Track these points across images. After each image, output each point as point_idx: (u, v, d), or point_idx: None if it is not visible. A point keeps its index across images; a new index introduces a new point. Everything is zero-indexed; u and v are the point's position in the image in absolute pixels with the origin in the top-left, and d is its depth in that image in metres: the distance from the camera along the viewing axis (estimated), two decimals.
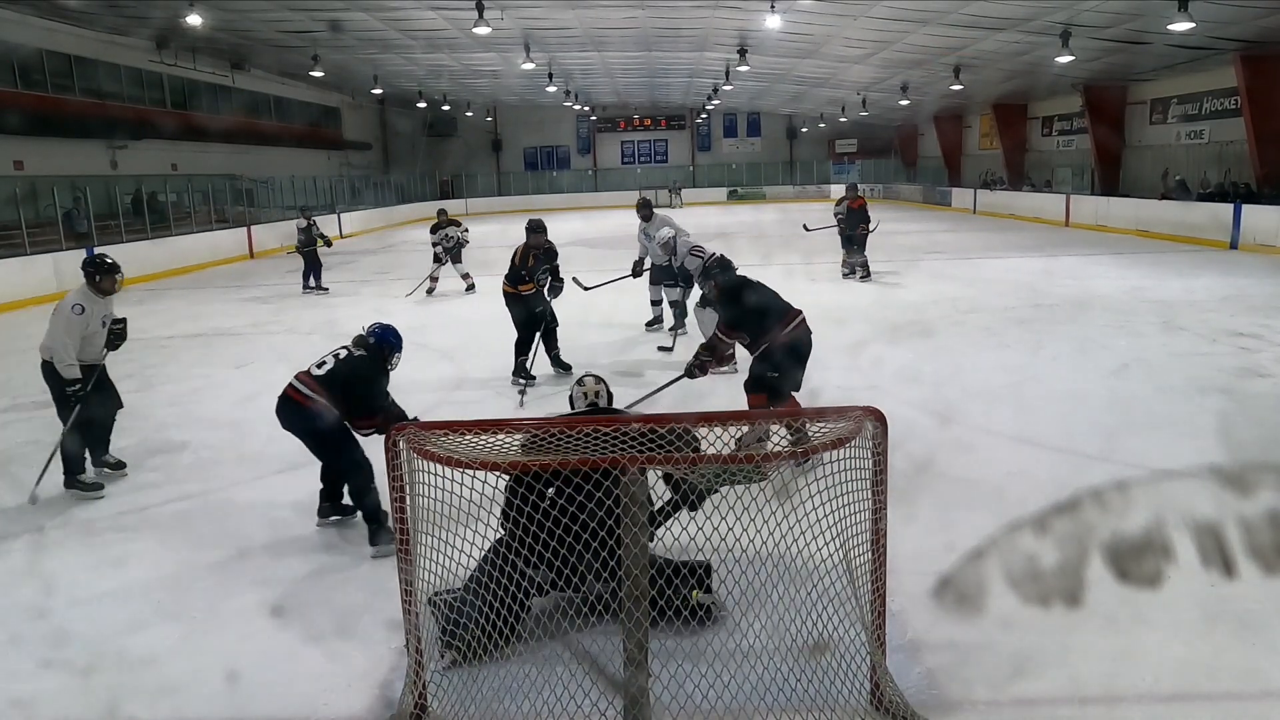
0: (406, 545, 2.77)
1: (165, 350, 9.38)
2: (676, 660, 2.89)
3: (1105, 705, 2.93)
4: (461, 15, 17.51)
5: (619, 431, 2.70)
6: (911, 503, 4.12)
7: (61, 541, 4.57)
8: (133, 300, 13.80)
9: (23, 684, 3.24)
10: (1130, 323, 9.22)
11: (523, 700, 2.94)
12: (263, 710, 3.07)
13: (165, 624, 3.76)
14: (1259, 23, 14.55)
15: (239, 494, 5.16)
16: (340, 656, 3.34)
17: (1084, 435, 5.59)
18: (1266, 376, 6.96)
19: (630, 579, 2.65)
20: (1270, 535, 3.49)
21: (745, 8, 17.46)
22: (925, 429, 5.71)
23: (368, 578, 3.96)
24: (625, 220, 26.54)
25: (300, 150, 29.63)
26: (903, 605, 3.46)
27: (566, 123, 40.36)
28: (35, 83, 18.57)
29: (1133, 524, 3.96)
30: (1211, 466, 4.73)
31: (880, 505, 2.79)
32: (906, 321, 9.67)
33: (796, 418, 3.10)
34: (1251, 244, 15.20)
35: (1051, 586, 3.35)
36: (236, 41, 21.80)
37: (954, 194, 29.69)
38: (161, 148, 22.36)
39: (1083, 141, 24.29)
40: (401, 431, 2.76)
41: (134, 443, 6.18)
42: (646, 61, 26.26)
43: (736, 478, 2.93)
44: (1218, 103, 19.46)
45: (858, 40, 19.98)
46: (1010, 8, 15.37)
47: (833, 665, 2.91)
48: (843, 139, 40.05)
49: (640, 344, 8.84)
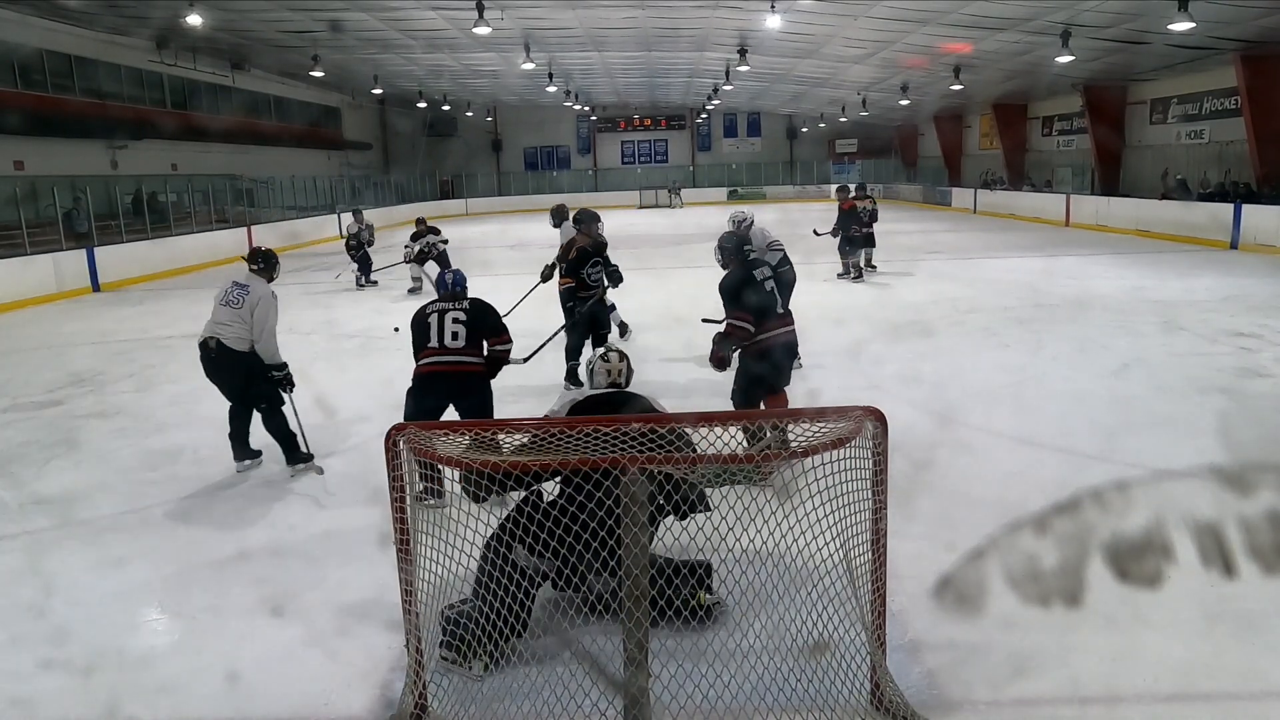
0: (407, 545, 2.77)
1: (165, 350, 9.38)
2: (676, 660, 2.89)
3: (1105, 705, 2.93)
4: (461, 15, 17.52)
5: (619, 432, 2.70)
6: (911, 503, 4.12)
7: (61, 541, 4.57)
8: (133, 300, 13.84)
9: (23, 684, 3.24)
10: (1130, 323, 9.22)
11: (523, 700, 2.94)
12: (263, 710, 3.07)
13: (165, 624, 3.77)
14: (1259, 23, 14.55)
15: (239, 494, 5.16)
16: (340, 656, 3.34)
17: (1084, 435, 5.59)
18: (1266, 376, 6.96)
19: (630, 579, 2.65)
20: (1270, 535, 3.48)
21: (745, 8, 17.47)
22: (925, 429, 5.71)
23: (368, 578, 3.96)
24: (626, 220, 26.42)
25: (300, 150, 29.64)
26: (903, 605, 3.46)
27: (566, 123, 40.38)
28: (35, 83, 18.58)
29: (1133, 524, 3.95)
30: (1211, 466, 4.73)
31: (880, 505, 2.78)
32: (906, 321, 9.67)
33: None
34: (1252, 244, 15.20)
35: (1051, 586, 3.34)
36: (236, 41, 21.80)
37: (954, 194, 29.68)
38: (161, 148, 22.37)
39: (1083, 141, 24.29)
40: (402, 431, 2.76)
41: (134, 443, 6.19)
42: (646, 61, 26.26)
43: (737, 477, 2.93)
44: (1218, 103, 19.46)
45: (858, 40, 19.98)
46: (1010, 8, 15.37)
47: (833, 665, 2.91)
48: (843, 139, 40.07)
49: (642, 332, 8.78)
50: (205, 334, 5.23)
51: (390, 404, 5.74)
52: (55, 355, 9.34)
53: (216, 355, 5.18)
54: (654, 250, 18.75)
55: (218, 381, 5.32)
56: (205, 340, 5.21)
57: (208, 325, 5.24)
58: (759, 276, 5.06)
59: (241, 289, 5.27)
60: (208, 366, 5.26)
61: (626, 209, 35.25)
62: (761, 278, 5.07)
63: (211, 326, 5.21)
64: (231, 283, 5.33)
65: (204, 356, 5.23)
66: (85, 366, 8.67)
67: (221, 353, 5.17)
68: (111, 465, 5.74)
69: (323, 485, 5.21)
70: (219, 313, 5.23)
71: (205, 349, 5.21)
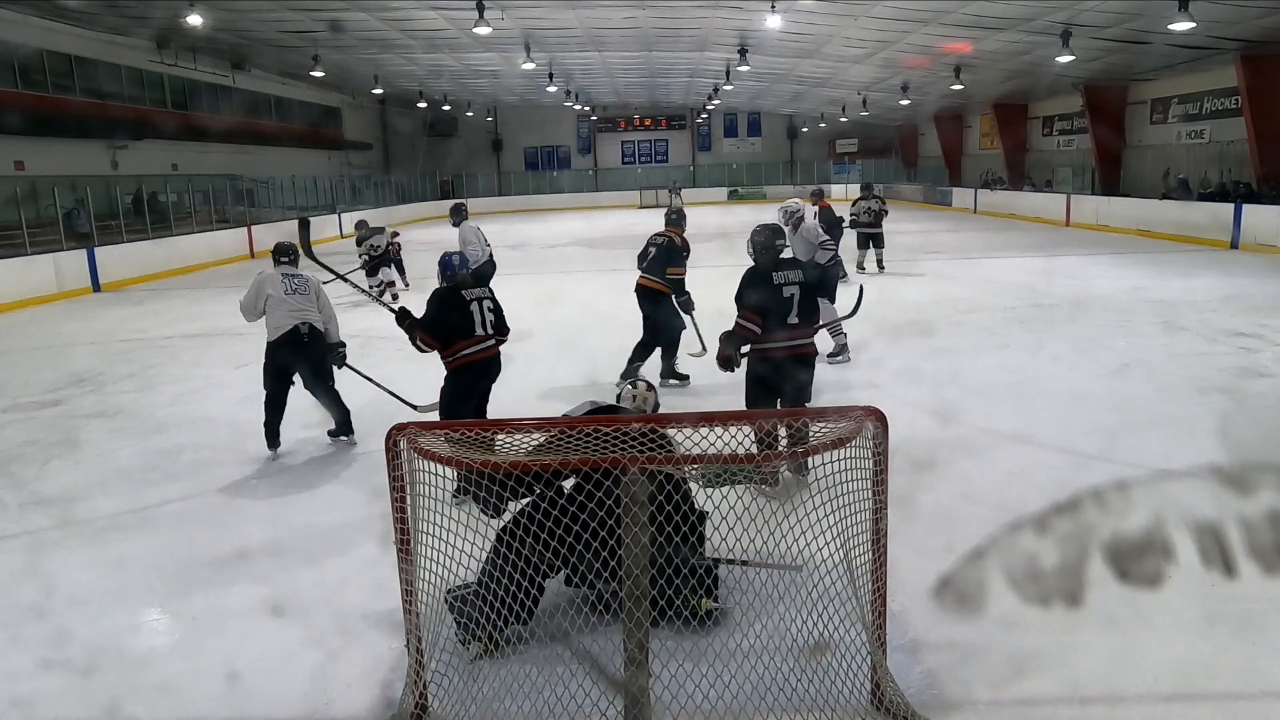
0: (407, 545, 2.77)
1: (165, 350, 9.39)
2: (676, 660, 2.89)
3: (1105, 705, 2.93)
4: (462, 15, 17.52)
5: (620, 432, 2.70)
6: (911, 503, 4.12)
7: (61, 541, 4.57)
8: (133, 300, 13.84)
9: (23, 684, 3.24)
10: (1130, 323, 9.22)
11: (523, 700, 2.94)
12: (263, 710, 3.07)
13: (165, 624, 3.77)
14: (1259, 23, 14.55)
15: (239, 494, 5.16)
16: (340, 656, 3.34)
17: (1084, 435, 5.59)
18: (1266, 376, 6.96)
19: (630, 579, 2.65)
20: (1270, 535, 3.48)
21: (745, 8, 17.47)
22: (925, 429, 5.71)
23: (368, 578, 3.95)
24: (626, 220, 26.39)
25: (300, 150, 29.64)
26: (903, 605, 3.46)
27: (567, 123, 40.37)
28: (35, 83, 18.58)
29: (1133, 524, 3.95)
30: (1211, 466, 4.73)
31: (880, 505, 2.78)
32: (906, 321, 9.66)
33: (798, 419, 3.09)
34: (1252, 244, 15.19)
35: (1051, 586, 3.34)
36: (237, 41, 21.81)
37: (954, 194, 29.68)
38: (162, 148, 22.37)
39: (1083, 141, 24.28)
40: (402, 431, 2.76)
41: (134, 442, 6.19)
42: (647, 61, 26.26)
43: (738, 478, 2.92)
44: (1218, 102, 19.45)
45: (858, 40, 19.98)
46: (1010, 8, 15.37)
47: (833, 665, 2.91)
48: (843, 139, 40.05)
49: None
50: (292, 321, 5.47)
51: (391, 404, 5.75)
52: (55, 355, 9.34)
53: (309, 338, 5.50)
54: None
55: (301, 364, 5.58)
56: (296, 327, 5.46)
57: (286, 315, 5.48)
58: (778, 280, 4.80)
59: (298, 278, 5.59)
60: (295, 350, 5.50)
61: (627, 209, 35.27)
62: (782, 281, 4.79)
63: (295, 314, 5.48)
64: (280, 275, 5.60)
65: (292, 341, 5.47)
66: (85, 366, 8.67)
67: (313, 335, 5.52)
68: (111, 465, 5.74)
69: (323, 485, 5.22)
70: (294, 301, 5.51)
71: (297, 334, 5.47)
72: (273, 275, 5.61)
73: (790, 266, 4.92)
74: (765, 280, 4.80)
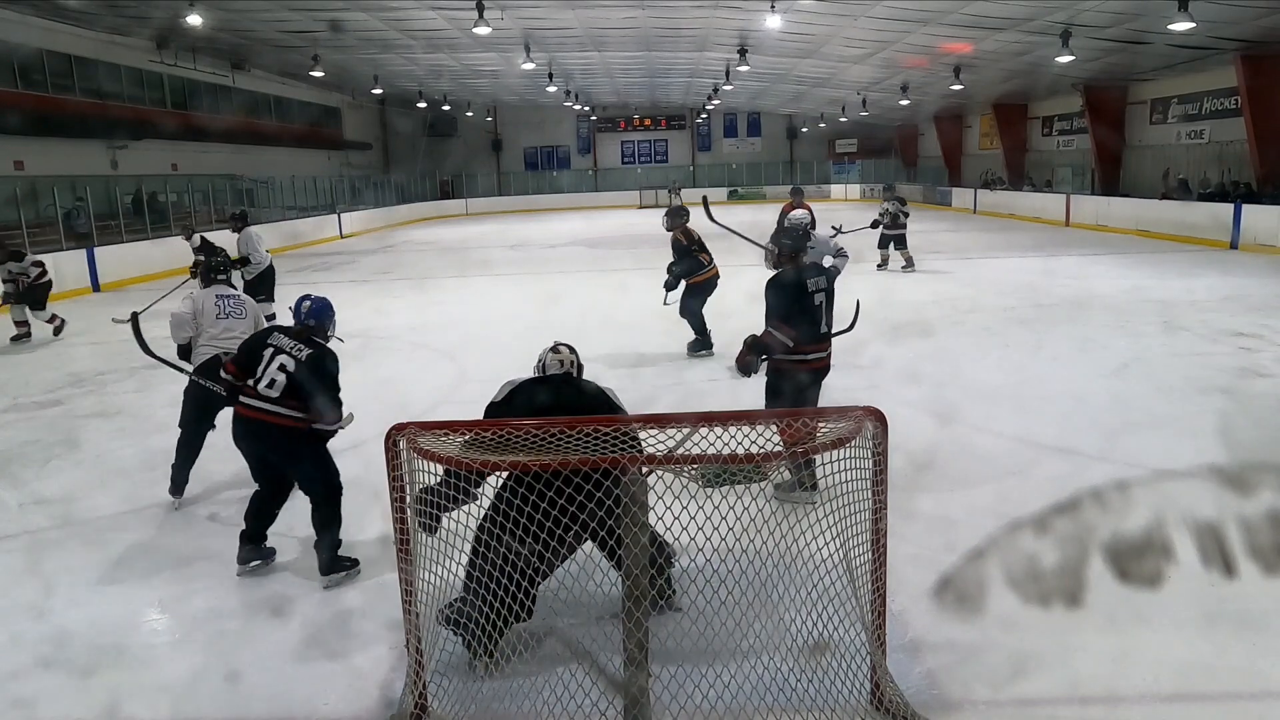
0: (407, 545, 2.77)
1: (165, 350, 9.36)
2: (676, 660, 2.89)
3: (1105, 705, 2.93)
4: (462, 15, 17.51)
5: (619, 432, 2.70)
6: (911, 503, 4.12)
7: (61, 541, 4.57)
8: (133, 301, 13.81)
9: (23, 684, 3.25)
10: (1130, 323, 9.22)
11: (523, 700, 2.94)
12: (263, 710, 3.07)
13: (165, 624, 3.77)
14: (1259, 23, 14.54)
15: (239, 494, 5.14)
16: (340, 656, 3.34)
17: (1084, 435, 5.59)
18: (1266, 376, 6.96)
19: (630, 579, 2.65)
20: (1270, 535, 3.48)
21: (745, 8, 17.46)
22: (925, 429, 5.71)
23: (368, 578, 3.96)
24: (626, 220, 26.41)
25: (300, 150, 29.62)
26: (903, 605, 3.46)
27: (566, 123, 40.35)
28: (35, 83, 18.56)
29: (1133, 524, 3.95)
30: (1211, 466, 4.73)
31: (880, 505, 2.79)
32: (906, 321, 9.66)
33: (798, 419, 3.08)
34: (1252, 244, 15.20)
35: (1052, 586, 3.34)
36: (236, 41, 21.80)
37: (954, 194, 29.68)
38: (162, 148, 22.35)
39: (1083, 141, 24.27)
40: (402, 431, 2.76)
41: (134, 442, 6.19)
42: (646, 61, 26.26)
43: (737, 478, 2.92)
44: (1218, 103, 19.45)
45: (858, 40, 19.98)
46: (1010, 8, 15.37)
47: (833, 665, 2.91)
48: (843, 139, 40.04)
49: (644, 333, 8.78)
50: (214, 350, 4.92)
51: (391, 404, 5.74)
52: (55, 355, 9.34)
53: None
54: (653, 250, 18.73)
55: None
56: (217, 356, 4.81)
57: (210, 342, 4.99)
58: (812, 288, 4.67)
59: (233, 299, 5.15)
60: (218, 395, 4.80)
61: (627, 209, 35.24)
62: (815, 289, 4.69)
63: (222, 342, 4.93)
64: (215, 295, 5.11)
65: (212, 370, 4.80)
66: (85, 366, 8.67)
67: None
68: (111, 465, 5.75)
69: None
70: (225, 325, 4.97)
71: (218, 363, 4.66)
72: (208, 295, 5.09)
73: (814, 272, 4.86)
74: (799, 288, 4.63)
